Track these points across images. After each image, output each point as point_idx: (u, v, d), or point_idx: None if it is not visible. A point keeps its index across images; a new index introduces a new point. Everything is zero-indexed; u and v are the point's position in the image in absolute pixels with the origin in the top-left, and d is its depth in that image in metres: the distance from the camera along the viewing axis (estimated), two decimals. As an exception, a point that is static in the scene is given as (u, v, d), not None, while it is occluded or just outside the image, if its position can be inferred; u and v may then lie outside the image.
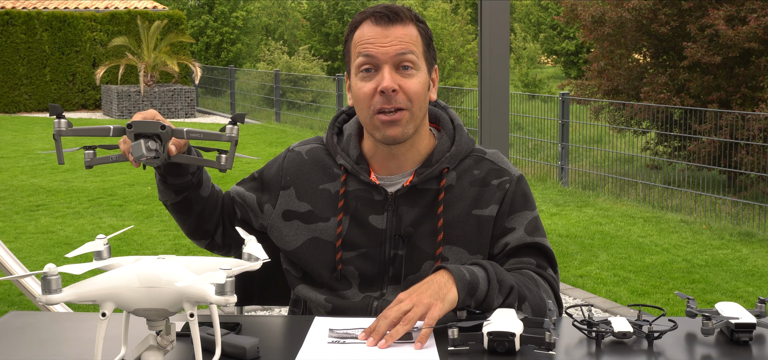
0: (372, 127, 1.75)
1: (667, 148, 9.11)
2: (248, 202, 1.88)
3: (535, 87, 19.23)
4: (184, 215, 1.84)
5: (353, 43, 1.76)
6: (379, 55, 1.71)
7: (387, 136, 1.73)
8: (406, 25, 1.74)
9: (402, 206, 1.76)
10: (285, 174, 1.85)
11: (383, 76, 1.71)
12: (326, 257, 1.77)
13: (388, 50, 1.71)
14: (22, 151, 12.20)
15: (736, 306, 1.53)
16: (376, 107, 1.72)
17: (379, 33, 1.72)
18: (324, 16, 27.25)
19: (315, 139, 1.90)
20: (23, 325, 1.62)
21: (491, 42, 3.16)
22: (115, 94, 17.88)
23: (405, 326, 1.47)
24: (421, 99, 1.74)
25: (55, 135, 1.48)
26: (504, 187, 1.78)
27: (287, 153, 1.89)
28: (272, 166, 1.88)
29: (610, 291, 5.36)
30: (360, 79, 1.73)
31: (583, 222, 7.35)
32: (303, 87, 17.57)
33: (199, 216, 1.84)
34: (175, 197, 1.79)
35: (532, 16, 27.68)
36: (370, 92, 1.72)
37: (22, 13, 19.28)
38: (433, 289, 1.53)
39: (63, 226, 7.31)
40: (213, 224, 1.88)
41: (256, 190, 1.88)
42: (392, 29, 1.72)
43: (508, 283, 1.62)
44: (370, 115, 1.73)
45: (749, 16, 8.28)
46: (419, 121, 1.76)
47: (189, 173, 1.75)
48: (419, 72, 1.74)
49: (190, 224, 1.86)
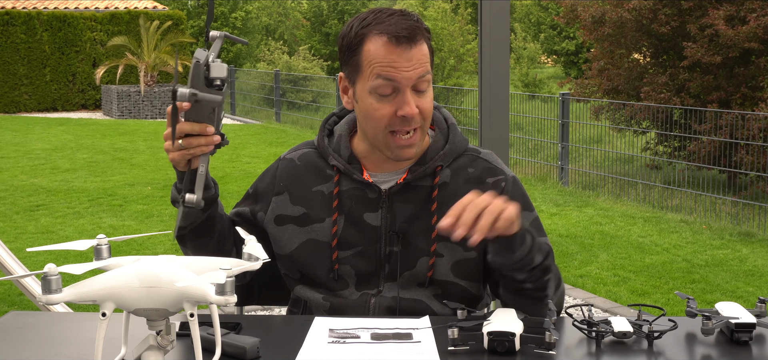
0: (384, 146, 1.73)
1: (667, 148, 9.11)
2: (244, 216, 1.88)
3: (535, 87, 19.24)
4: (207, 238, 1.78)
5: (365, 57, 1.70)
6: (401, 80, 1.67)
7: (401, 156, 1.73)
8: (421, 44, 1.70)
9: (396, 203, 1.76)
10: (278, 181, 1.85)
11: (405, 100, 1.67)
12: (322, 258, 1.77)
13: (411, 75, 1.67)
14: (22, 151, 12.20)
15: (736, 306, 1.53)
16: (392, 128, 1.70)
17: (400, 55, 1.67)
18: (324, 16, 27.26)
19: (305, 144, 1.90)
20: (23, 325, 1.62)
21: (491, 42, 3.16)
22: (115, 94, 17.88)
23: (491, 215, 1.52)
24: (431, 113, 1.75)
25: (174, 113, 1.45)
26: (499, 186, 1.79)
27: (279, 162, 1.88)
28: (265, 177, 1.88)
29: (610, 291, 5.36)
30: (376, 99, 1.69)
31: (583, 222, 7.35)
32: (303, 87, 17.57)
33: (220, 235, 1.80)
34: (201, 215, 1.73)
35: (532, 16, 27.68)
36: (389, 115, 1.69)
37: (22, 13, 19.29)
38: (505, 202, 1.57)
39: (63, 226, 7.31)
40: (230, 244, 1.84)
41: (251, 204, 1.88)
42: (413, 51, 1.68)
43: (545, 245, 1.70)
44: (383, 134, 1.72)
45: (749, 16, 8.28)
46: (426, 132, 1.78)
47: (213, 186, 1.72)
48: (430, 86, 1.73)
49: (212, 247, 1.79)
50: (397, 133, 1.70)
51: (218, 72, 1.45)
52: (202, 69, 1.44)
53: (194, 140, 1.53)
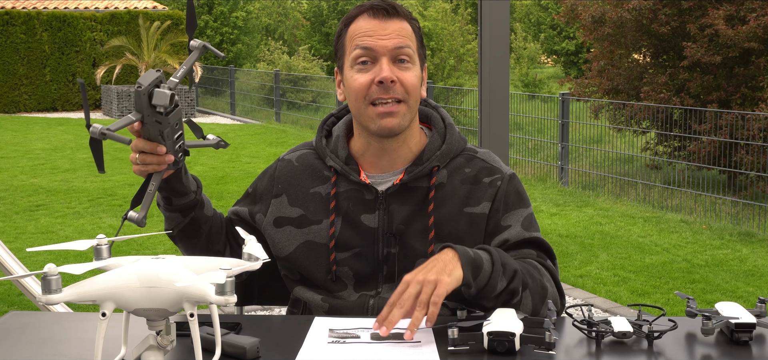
0: (367, 119, 1.74)
1: (667, 148, 9.12)
2: (242, 216, 1.88)
3: (535, 87, 19.23)
4: (194, 239, 1.79)
5: (348, 36, 1.76)
6: (377, 47, 1.71)
7: (383, 127, 1.73)
8: (401, 20, 1.75)
9: (393, 204, 1.76)
10: (277, 182, 1.85)
11: (381, 67, 1.71)
12: (320, 259, 1.77)
13: (387, 43, 1.71)
14: (22, 151, 12.19)
15: (736, 306, 1.53)
16: (371, 98, 1.72)
17: (377, 26, 1.73)
18: (324, 16, 27.25)
19: (304, 145, 1.90)
20: (23, 325, 1.62)
21: (491, 42, 3.16)
22: (115, 94, 17.88)
23: (421, 311, 1.47)
24: (417, 92, 1.76)
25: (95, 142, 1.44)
26: (496, 185, 1.78)
27: (278, 163, 1.89)
28: (263, 178, 1.89)
29: (610, 291, 5.36)
30: (356, 71, 1.73)
31: (583, 222, 7.35)
32: (303, 87, 17.57)
33: (207, 237, 1.81)
34: (183, 220, 1.75)
35: (532, 16, 27.68)
36: (367, 83, 1.71)
37: (22, 13, 19.29)
38: (439, 267, 1.53)
39: (63, 226, 7.31)
40: (222, 245, 1.85)
41: (249, 204, 1.89)
42: (390, 23, 1.73)
43: (511, 266, 1.62)
44: (365, 106, 1.73)
45: (749, 16, 8.28)
46: (414, 115, 1.77)
47: (192, 191, 1.72)
48: (414, 66, 1.75)
49: (200, 248, 1.81)
50: (378, 103, 1.72)
51: (160, 100, 1.44)
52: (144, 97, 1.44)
53: (147, 158, 1.54)
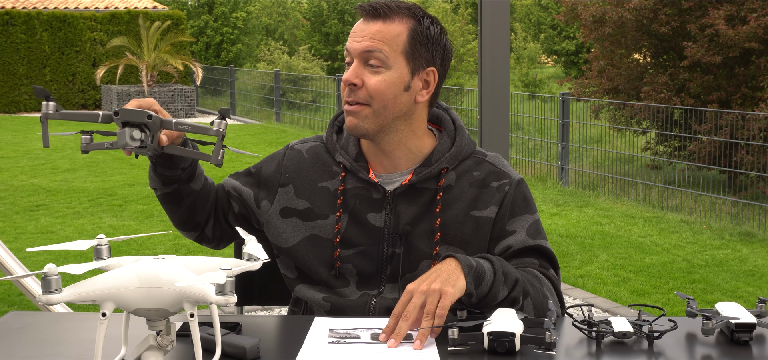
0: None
1: (667, 148, 9.12)
2: (245, 197, 1.86)
3: (535, 87, 19.23)
4: (174, 207, 1.81)
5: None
6: (351, 48, 1.73)
7: (347, 127, 1.76)
8: (388, 21, 1.72)
9: (400, 204, 1.76)
10: (284, 171, 1.84)
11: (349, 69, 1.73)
12: (324, 255, 1.77)
13: (357, 46, 1.72)
14: (22, 151, 12.20)
15: (736, 306, 1.53)
16: (344, 98, 1.75)
17: (360, 26, 1.74)
18: (324, 16, 27.24)
19: (315, 138, 1.89)
20: (23, 325, 1.62)
21: (491, 42, 3.16)
22: (115, 94, 17.88)
23: (428, 321, 1.47)
24: (386, 97, 1.71)
25: (41, 118, 1.48)
26: (503, 190, 1.78)
27: (287, 150, 1.88)
28: (271, 163, 1.87)
29: (610, 291, 5.36)
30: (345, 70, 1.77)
31: (583, 222, 7.35)
32: (303, 87, 17.58)
33: (189, 208, 1.82)
34: (164, 188, 1.77)
35: (532, 16, 27.68)
36: (343, 83, 1.74)
37: (22, 13, 19.29)
38: (443, 277, 1.53)
39: (63, 226, 7.31)
40: (204, 217, 1.85)
41: (253, 186, 1.86)
42: (372, 24, 1.72)
43: (513, 276, 1.62)
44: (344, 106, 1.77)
45: (749, 16, 8.29)
46: (385, 121, 1.73)
47: (179, 168, 1.73)
48: (389, 70, 1.71)
49: (179, 216, 1.83)
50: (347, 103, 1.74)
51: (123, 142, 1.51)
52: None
53: None
